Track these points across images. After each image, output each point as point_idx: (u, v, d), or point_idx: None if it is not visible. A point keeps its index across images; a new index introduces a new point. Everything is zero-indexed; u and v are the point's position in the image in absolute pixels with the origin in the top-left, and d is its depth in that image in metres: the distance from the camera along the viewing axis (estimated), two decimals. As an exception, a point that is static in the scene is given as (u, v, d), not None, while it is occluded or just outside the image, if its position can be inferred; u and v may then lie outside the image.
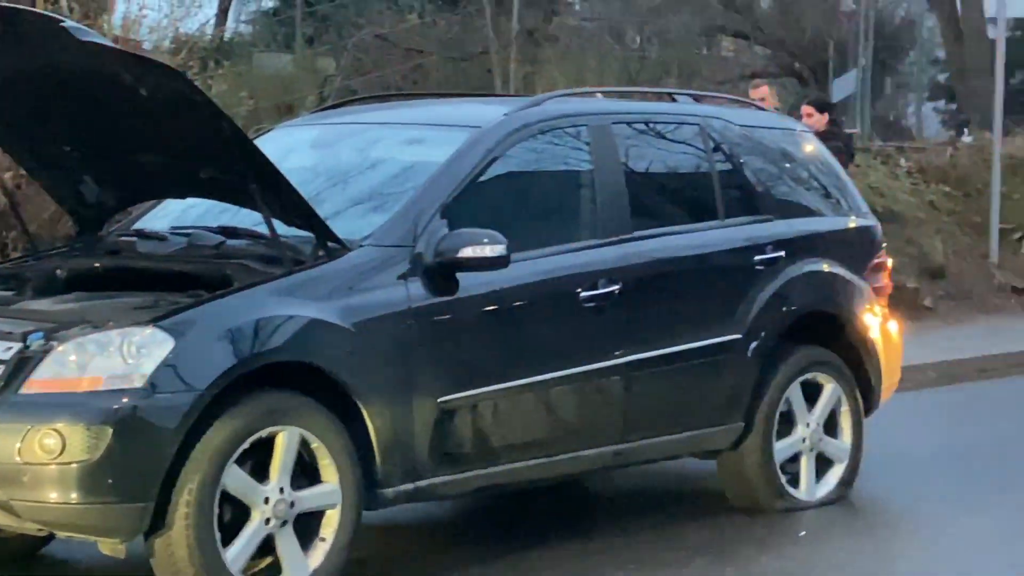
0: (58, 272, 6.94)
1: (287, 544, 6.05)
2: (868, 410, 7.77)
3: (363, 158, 7.59)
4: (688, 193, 7.80)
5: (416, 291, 6.48)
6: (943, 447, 9.27)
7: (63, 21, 6.28)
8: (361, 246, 6.50)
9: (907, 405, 10.03)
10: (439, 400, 6.44)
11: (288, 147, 7.63)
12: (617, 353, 6.93)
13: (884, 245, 8.16)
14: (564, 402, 6.90)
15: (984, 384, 12.34)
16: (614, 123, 7.52)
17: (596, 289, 6.92)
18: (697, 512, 7.35)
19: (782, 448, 7.20)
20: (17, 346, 5.86)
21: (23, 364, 5.82)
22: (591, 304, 6.88)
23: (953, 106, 29.10)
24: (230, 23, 27.69)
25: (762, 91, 12.36)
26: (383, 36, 20.77)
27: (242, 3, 29.35)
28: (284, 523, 6.03)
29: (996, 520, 7.25)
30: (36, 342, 5.87)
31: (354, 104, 9.13)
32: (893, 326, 8.00)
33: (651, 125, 7.81)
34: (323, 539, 6.22)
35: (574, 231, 7.20)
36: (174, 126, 6.44)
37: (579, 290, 6.88)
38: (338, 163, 7.59)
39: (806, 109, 11.62)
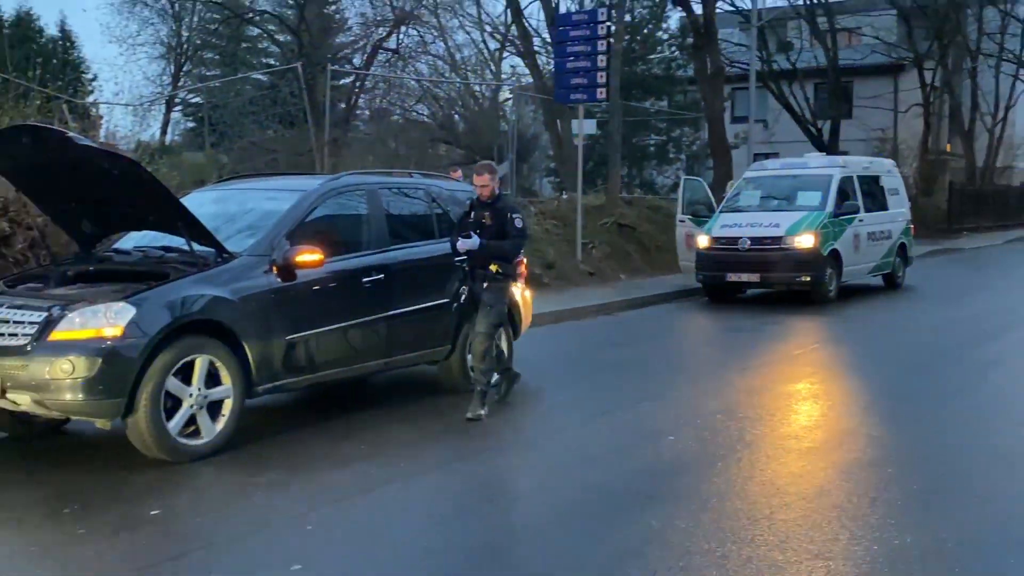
0: (68, 272, 7.71)
1: (203, 419, 7.09)
2: (515, 337, 9.61)
3: (242, 207, 8.41)
4: (417, 223, 9.11)
5: (273, 279, 7.35)
6: (570, 366, 11.09)
7: (67, 133, 6.99)
8: (242, 255, 7.41)
9: (537, 336, 12.37)
10: (286, 337, 7.47)
11: (200, 202, 8.46)
12: (377, 311, 8.24)
13: (523, 255, 9.44)
14: (353, 337, 8.04)
15: (573, 323, 15.23)
16: (379, 188, 8.74)
17: (370, 276, 8.18)
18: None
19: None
20: (45, 314, 6.68)
21: (49, 324, 6.62)
22: (368, 284, 8.19)
23: (558, 179, 33.95)
24: (169, 135, 35.31)
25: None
26: (253, 142, 23.89)
27: (175, 122, 37.09)
28: (201, 408, 7.03)
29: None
30: (56, 311, 6.58)
31: (236, 179, 10.08)
32: (528, 294, 9.92)
33: (400, 189, 9.14)
34: (223, 415, 7.25)
35: (356, 245, 8.28)
36: (134, 191, 7.26)
37: (363, 278, 8.10)
38: (228, 210, 8.40)
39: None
